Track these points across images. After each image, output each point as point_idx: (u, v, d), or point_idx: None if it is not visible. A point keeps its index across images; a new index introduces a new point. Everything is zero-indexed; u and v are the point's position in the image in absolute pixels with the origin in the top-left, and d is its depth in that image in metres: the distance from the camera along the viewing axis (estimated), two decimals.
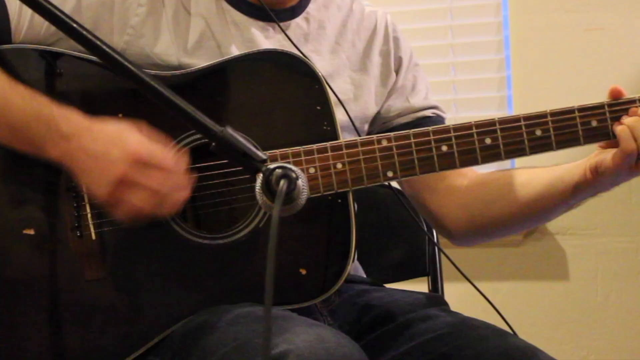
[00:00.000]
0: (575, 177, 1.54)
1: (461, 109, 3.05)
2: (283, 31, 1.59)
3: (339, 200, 1.51)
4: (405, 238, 2.03)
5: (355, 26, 1.72)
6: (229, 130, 1.19)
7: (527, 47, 2.93)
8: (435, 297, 1.72)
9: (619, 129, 1.47)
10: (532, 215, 1.64)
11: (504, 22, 3.00)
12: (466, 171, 1.70)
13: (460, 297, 1.84)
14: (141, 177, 1.38)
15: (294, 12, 1.66)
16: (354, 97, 1.68)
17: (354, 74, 1.70)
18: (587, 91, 2.86)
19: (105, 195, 1.39)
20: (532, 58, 2.93)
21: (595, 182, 1.52)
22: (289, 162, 1.35)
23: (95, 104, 1.51)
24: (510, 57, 2.98)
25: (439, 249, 1.61)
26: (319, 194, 1.47)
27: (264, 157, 1.20)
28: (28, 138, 1.43)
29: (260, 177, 1.18)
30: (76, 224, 1.48)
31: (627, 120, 1.47)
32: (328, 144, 1.48)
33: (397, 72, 1.75)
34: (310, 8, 1.68)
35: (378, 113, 1.74)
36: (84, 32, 1.20)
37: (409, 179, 1.70)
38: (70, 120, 1.42)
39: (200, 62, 1.54)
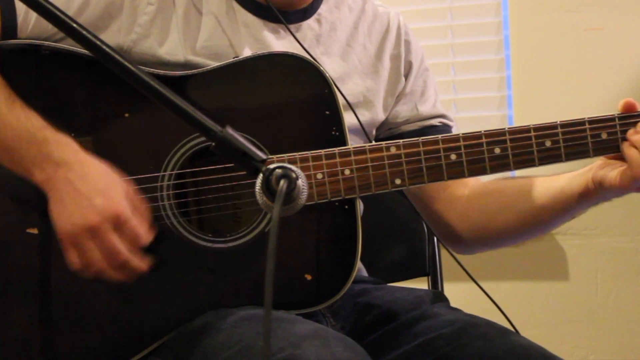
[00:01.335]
0: (577, 188, 1.53)
1: (461, 109, 3.05)
2: (292, 34, 1.58)
3: (346, 207, 1.50)
4: (405, 238, 2.03)
5: (366, 28, 1.71)
6: (229, 130, 1.19)
7: (527, 47, 2.93)
8: (436, 293, 1.71)
9: (629, 152, 1.44)
10: (533, 226, 1.63)
11: (504, 22, 3.00)
12: (468, 180, 1.69)
13: (460, 297, 1.84)
14: (110, 235, 1.38)
15: (306, 13, 1.65)
16: (364, 101, 1.67)
17: (366, 77, 1.68)
18: (587, 91, 2.88)
19: (68, 234, 1.39)
20: (532, 58, 2.93)
21: (597, 194, 1.51)
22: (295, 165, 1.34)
23: (102, 102, 1.50)
24: (510, 57, 2.97)
25: (448, 251, 1.60)
26: (326, 200, 1.47)
27: (264, 157, 1.20)
28: (17, 159, 1.42)
29: (260, 177, 1.18)
30: None
31: (636, 139, 1.44)
32: (336, 149, 1.47)
33: (406, 77, 1.74)
34: (322, 9, 1.67)
35: (385, 118, 1.73)
36: (84, 32, 1.20)
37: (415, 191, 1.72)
38: (64, 147, 1.40)
39: (208, 61, 1.54)
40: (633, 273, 2.88)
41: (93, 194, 1.37)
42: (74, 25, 1.19)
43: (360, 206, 1.56)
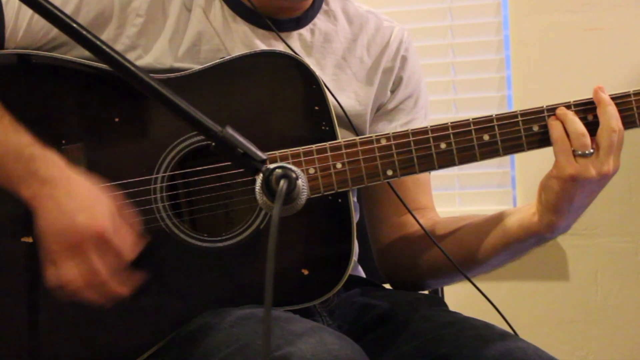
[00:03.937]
0: (520, 214, 1.55)
1: (461, 109, 3.05)
2: (282, 39, 1.58)
3: (340, 200, 1.51)
4: None
5: (366, 42, 1.69)
6: (229, 130, 1.20)
7: (527, 47, 2.93)
8: (434, 297, 1.71)
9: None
10: (477, 262, 1.64)
11: (504, 22, 3.00)
12: (427, 212, 1.71)
13: (459, 297, 1.84)
14: (90, 254, 1.35)
15: (299, 23, 1.63)
16: (355, 114, 1.65)
17: (360, 91, 1.67)
18: (587, 91, 2.86)
19: (52, 252, 1.37)
20: (532, 58, 2.93)
21: (542, 211, 1.50)
22: (288, 163, 1.35)
23: (91, 109, 1.50)
24: (510, 57, 2.98)
25: (442, 251, 1.60)
26: (320, 194, 1.48)
27: (264, 157, 1.20)
28: (5, 175, 1.40)
29: (260, 177, 1.18)
30: None
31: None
32: (327, 144, 1.48)
33: (392, 92, 1.71)
34: (319, 19, 1.66)
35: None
36: (84, 32, 1.20)
37: (369, 204, 1.73)
38: (50, 165, 1.38)
39: (194, 65, 1.54)
40: (633, 273, 2.88)
41: (76, 212, 1.35)
42: (75, 25, 1.20)
43: (356, 206, 1.56)
